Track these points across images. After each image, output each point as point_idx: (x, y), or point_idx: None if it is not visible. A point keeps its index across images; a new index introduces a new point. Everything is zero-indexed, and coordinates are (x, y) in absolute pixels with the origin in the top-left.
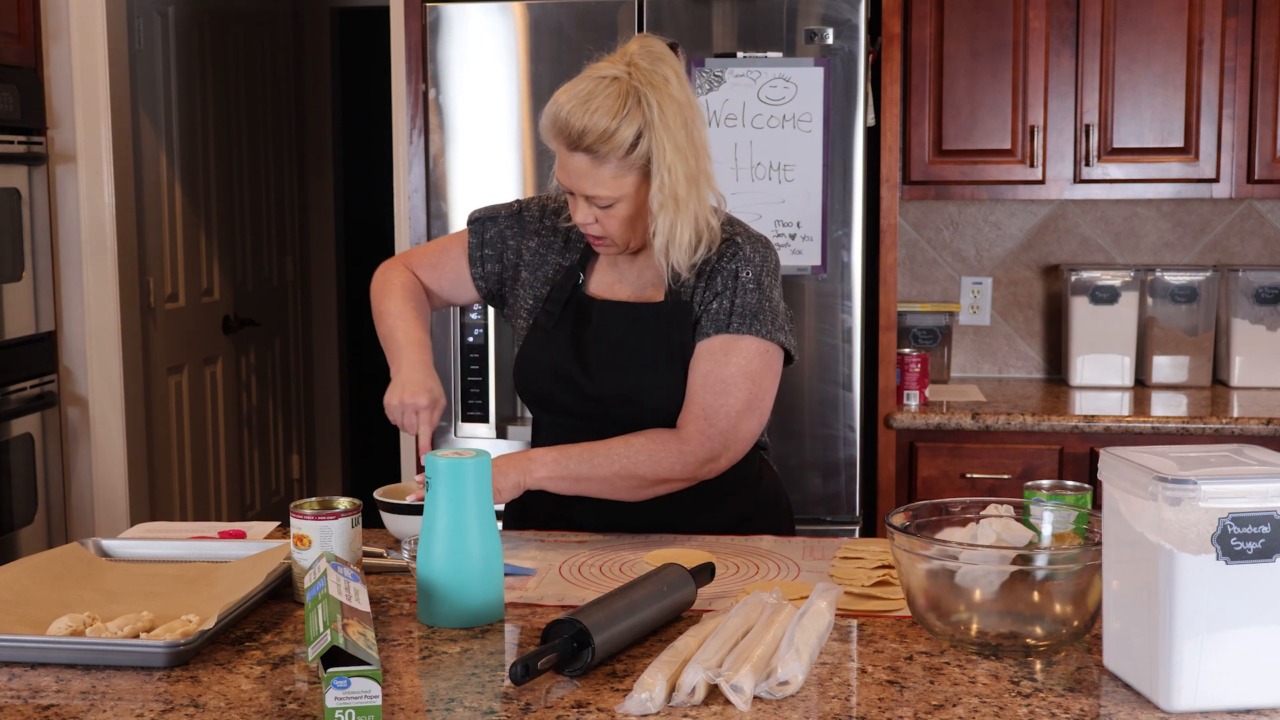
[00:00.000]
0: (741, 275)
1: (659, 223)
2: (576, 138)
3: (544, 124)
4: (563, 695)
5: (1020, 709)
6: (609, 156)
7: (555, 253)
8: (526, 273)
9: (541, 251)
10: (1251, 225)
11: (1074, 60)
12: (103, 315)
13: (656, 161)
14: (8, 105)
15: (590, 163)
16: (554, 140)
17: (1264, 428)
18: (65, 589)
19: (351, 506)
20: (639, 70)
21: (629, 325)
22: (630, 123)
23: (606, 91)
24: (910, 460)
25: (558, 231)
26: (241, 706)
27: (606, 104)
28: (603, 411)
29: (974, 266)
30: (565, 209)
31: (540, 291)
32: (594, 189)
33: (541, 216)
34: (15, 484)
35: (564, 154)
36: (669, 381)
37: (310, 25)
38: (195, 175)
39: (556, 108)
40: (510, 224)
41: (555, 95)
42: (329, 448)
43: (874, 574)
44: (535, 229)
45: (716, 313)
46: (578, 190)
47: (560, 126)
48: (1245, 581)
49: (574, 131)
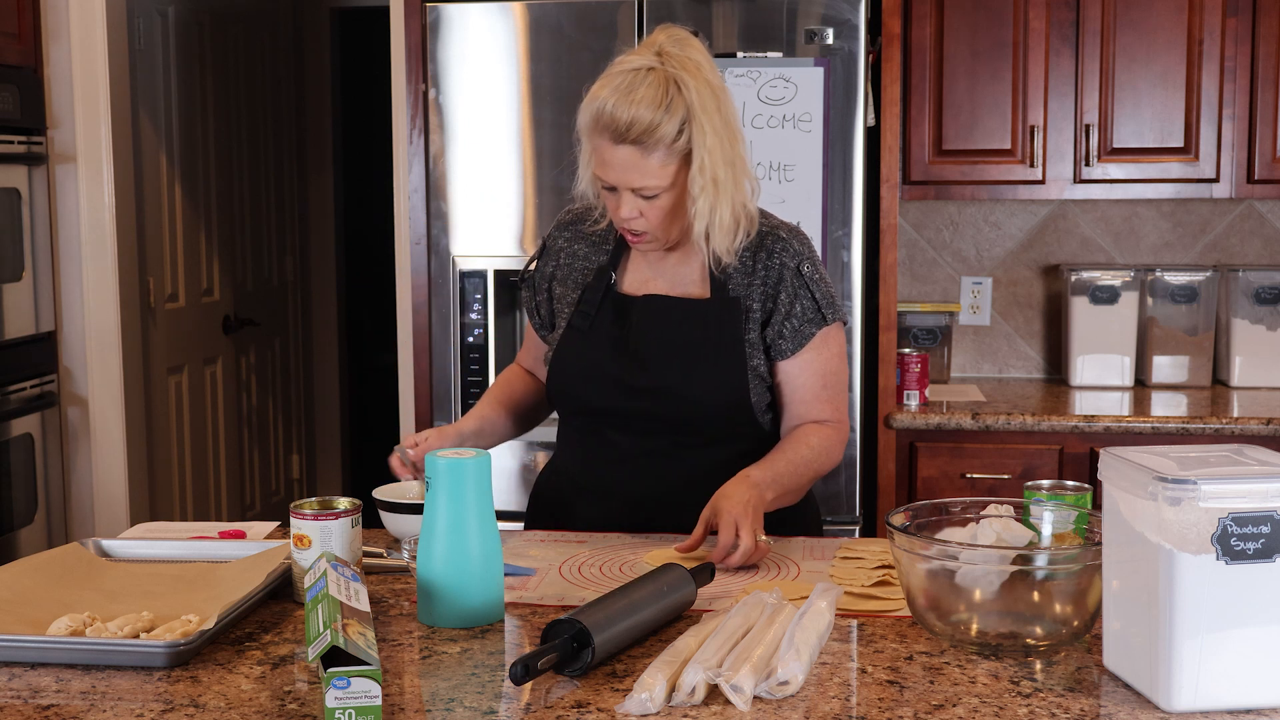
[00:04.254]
0: (804, 270)
1: (699, 206)
2: (624, 130)
3: (585, 120)
4: (563, 695)
5: (1020, 709)
6: (656, 146)
7: (581, 258)
8: (559, 287)
9: (568, 261)
10: (1251, 225)
11: (1074, 60)
12: (103, 315)
13: (697, 145)
14: (8, 105)
15: (638, 154)
16: (598, 135)
17: (1264, 428)
18: (65, 589)
19: (351, 506)
20: (671, 57)
21: (674, 320)
22: (675, 110)
23: (646, 81)
24: (910, 460)
25: (581, 238)
26: (241, 706)
27: (649, 94)
28: (646, 408)
29: (974, 266)
30: (588, 216)
31: (572, 296)
32: (641, 180)
33: (560, 232)
34: (15, 484)
35: (608, 148)
36: (717, 376)
37: (310, 25)
38: (195, 175)
39: (599, 102)
40: (541, 260)
41: (592, 91)
42: (329, 448)
43: (874, 574)
44: (559, 247)
45: (805, 312)
46: (623, 184)
47: (606, 120)
48: (1245, 581)
49: (621, 124)
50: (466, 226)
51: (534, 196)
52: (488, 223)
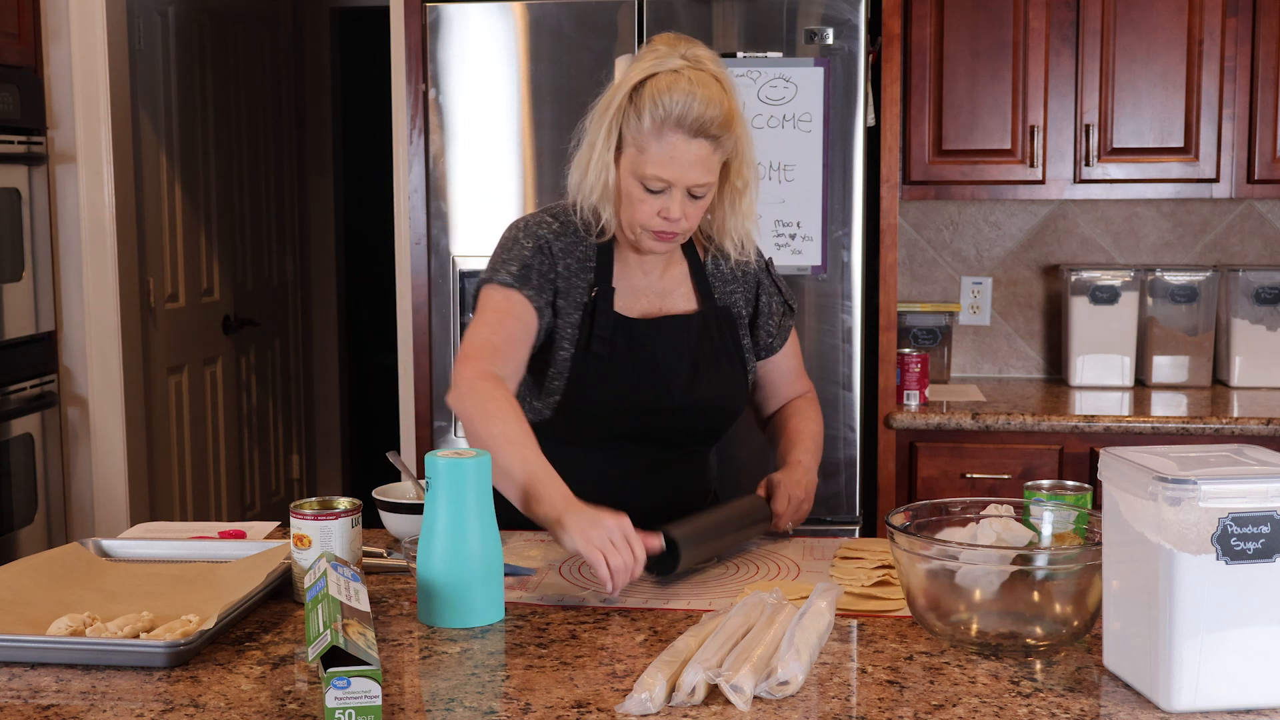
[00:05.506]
0: (770, 267)
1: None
2: (705, 125)
3: (654, 117)
4: (563, 695)
5: (1020, 709)
6: (726, 140)
7: (574, 274)
8: (562, 300)
9: (568, 276)
10: (1251, 225)
11: (1074, 60)
12: (103, 315)
13: (740, 135)
14: (8, 105)
15: (710, 149)
16: (671, 131)
17: (1264, 428)
18: (65, 589)
19: (351, 506)
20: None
21: (683, 338)
22: (735, 103)
23: (703, 79)
24: (910, 460)
25: (569, 252)
26: (241, 706)
27: (715, 92)
28: (668, 425)
29: (974, 266)
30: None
31: (573, 317)
32: (703, 176)
33: (555, 240)
34: (15, 484)
35: (681, 144)
36: (728, 386)
37: (310, 25)
38: (195, 175)
39: (673, 99)
40: (540, 259)
41: (655, 93)
42: (329, 448)
43: (874, 574)
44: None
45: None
46: (685, 180)
47: (680, 117)
48: (1245, 581)
49: (705, 119)
50: (466, 226)
51: (534, 196)
52: (488, 223)
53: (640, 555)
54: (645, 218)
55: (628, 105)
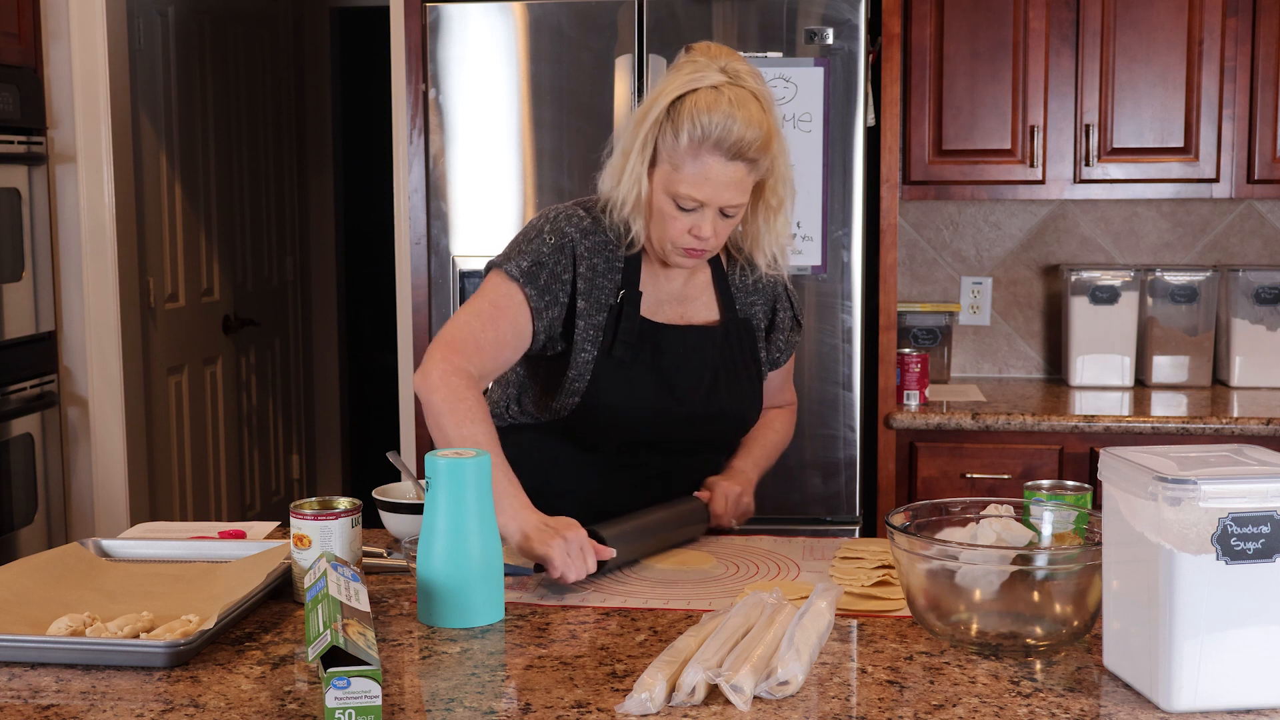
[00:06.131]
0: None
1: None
2: (743, 148)
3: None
4: (563, 695)
5: (1020, 709)
6: (763, 161)
7: (600, 274)
8: (583, 301)
9: (589, 275)
10: (1251, 225)
11: (1074, 60)
12: (103, 315)
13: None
14: (8, 105)
15: (745, 171)
16: (707, 153)
17: (1264, 428)
18: (65, 589)
19: (351, 506)
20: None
21: (706, 348)
22: (774, 122)
23: (743, 98)
24: (910, 460)
25: (597, 252)
26: (241, 706)
27: (753, 112)
28: (685, 434)
29: (974, 266)
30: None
31: (598, 318)
32: (736, 197)
33: (582, 239)
34: (15, 484)
35: (717, 165)
36: (745, 396)
37: (310, 25)
38: (195, 175)
39: (712, 120)
40: (558, 259)
41: (694, 111)
42: (329, 448)
43: (874, 574)
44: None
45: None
46: (718, 201)
47: (719, 140)
48: (1245, 581)
49: (742, 142)
50: (466, 226)
51: (534, 196)
52: (488, 223)
53: (593, 565)
54: (676, 235)
55: (665, 120)
